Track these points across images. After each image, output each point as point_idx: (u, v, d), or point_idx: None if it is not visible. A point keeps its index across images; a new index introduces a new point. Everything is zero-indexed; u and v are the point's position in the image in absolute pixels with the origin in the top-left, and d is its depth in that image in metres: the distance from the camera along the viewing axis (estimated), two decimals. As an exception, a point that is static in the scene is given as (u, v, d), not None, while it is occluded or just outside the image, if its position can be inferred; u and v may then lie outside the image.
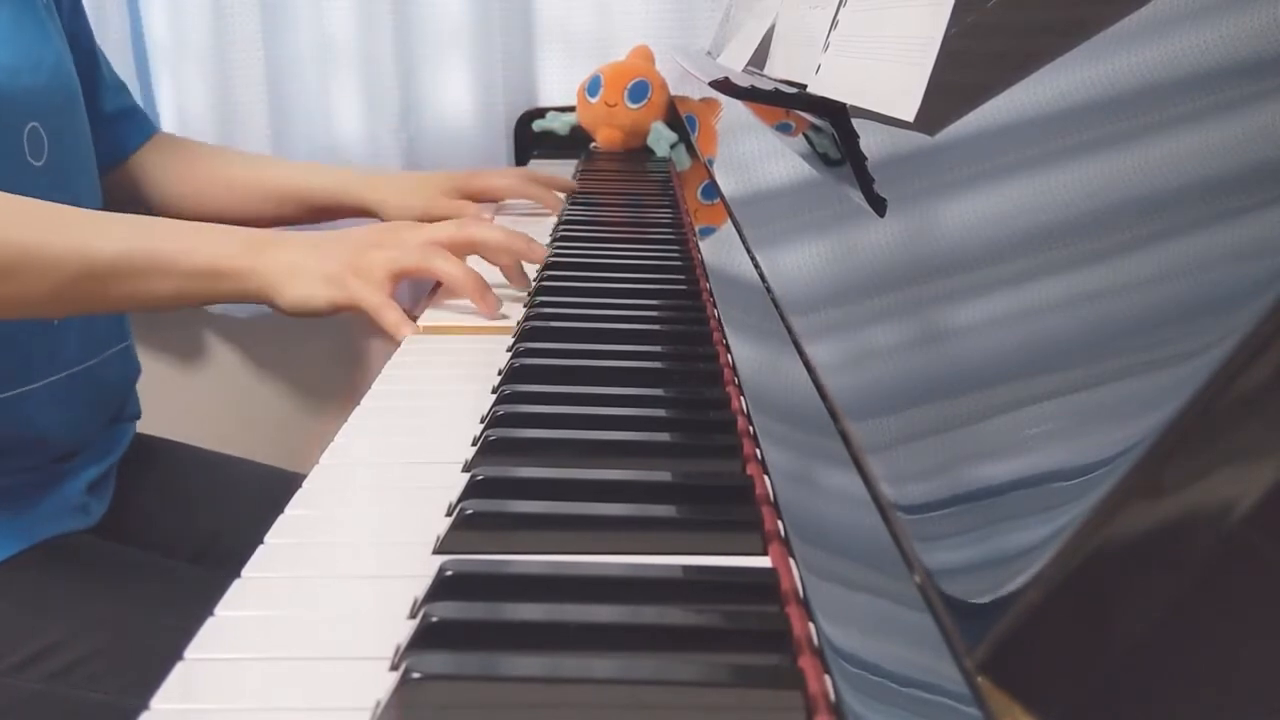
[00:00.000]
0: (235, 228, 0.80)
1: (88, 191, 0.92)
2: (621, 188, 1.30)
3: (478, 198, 1.16)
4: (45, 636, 0.75)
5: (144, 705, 0.37)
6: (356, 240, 0.80)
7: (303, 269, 0.76)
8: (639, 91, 1.41)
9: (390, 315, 0.77)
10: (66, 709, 0.75)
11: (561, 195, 1.19)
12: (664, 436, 0.58)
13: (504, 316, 0.81)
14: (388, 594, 0.43)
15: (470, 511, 0.47)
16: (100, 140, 1.02)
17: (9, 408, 0.83)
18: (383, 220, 1.11)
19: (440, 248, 0.79)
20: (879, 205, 0.50)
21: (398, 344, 0.76)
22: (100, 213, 0.82)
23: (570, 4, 1.59)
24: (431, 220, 1.08)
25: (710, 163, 1.00)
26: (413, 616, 0.41)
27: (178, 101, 1.53)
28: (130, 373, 1.00)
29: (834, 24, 0.71)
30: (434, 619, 0.39)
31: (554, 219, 1.12)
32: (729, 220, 0.80)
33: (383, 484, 0.54)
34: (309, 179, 1.12)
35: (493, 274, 0.84)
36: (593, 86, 1.44)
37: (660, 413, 0.61)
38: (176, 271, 0.75)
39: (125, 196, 1.10)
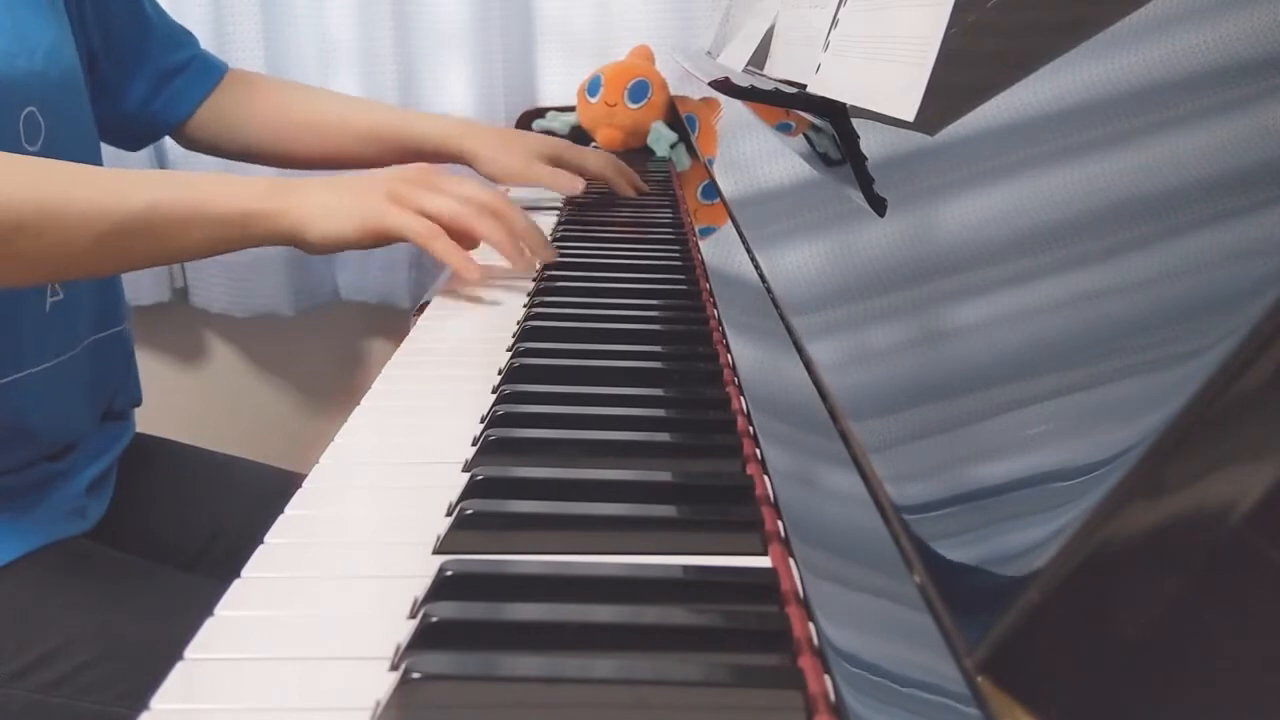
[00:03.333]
0: (258, 177, 0.79)
1: None
2: (621, 188, 1.30)
3: (569, 170, 1.14)
4: (41, 645, 0.75)
5: (142, 711, 0.37)
6: (388, 175, 0.79)
7: (333, 205, 0.76)
8: (639, 91, 1.41)
9: (442, 245, 0.76)
10: (64, 717, 0.74)
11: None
12: (664, 436, 0.58)
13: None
14: (388, 594, 0.43)
15: (470, 511, 0.47)
16: (163, 94, 1.03)
17: (3, 393, 0.83)
18: (476, 171, 1.10)
19: (478, 204, 0.79)
20: (879, 205, 0.50)
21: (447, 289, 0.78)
22: (127, 170, 0.82)
23: (570, 4, 1.59)
24: (525, 181, 1.07)
25: (710, 163, 1.00)
26: (413, 616, 0.41)
27: (178, 101, 1.54)
28: (125, 358, 1.00)
29: (834, 23, 0.71)
30: (434, 619, 0.39)
31: (553, 217, 1.12)
32: (729, 220, 0.80)
33: (383, 484, 0.54)
34: (408, 123, 1.10)
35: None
36: (593, 86, 1.44)
37: (660, 413, 0.61)
38: (206, 219, 0.75)
39: (210, 145, 1.09)
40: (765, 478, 0.49)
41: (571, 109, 1.49)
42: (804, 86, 0.72)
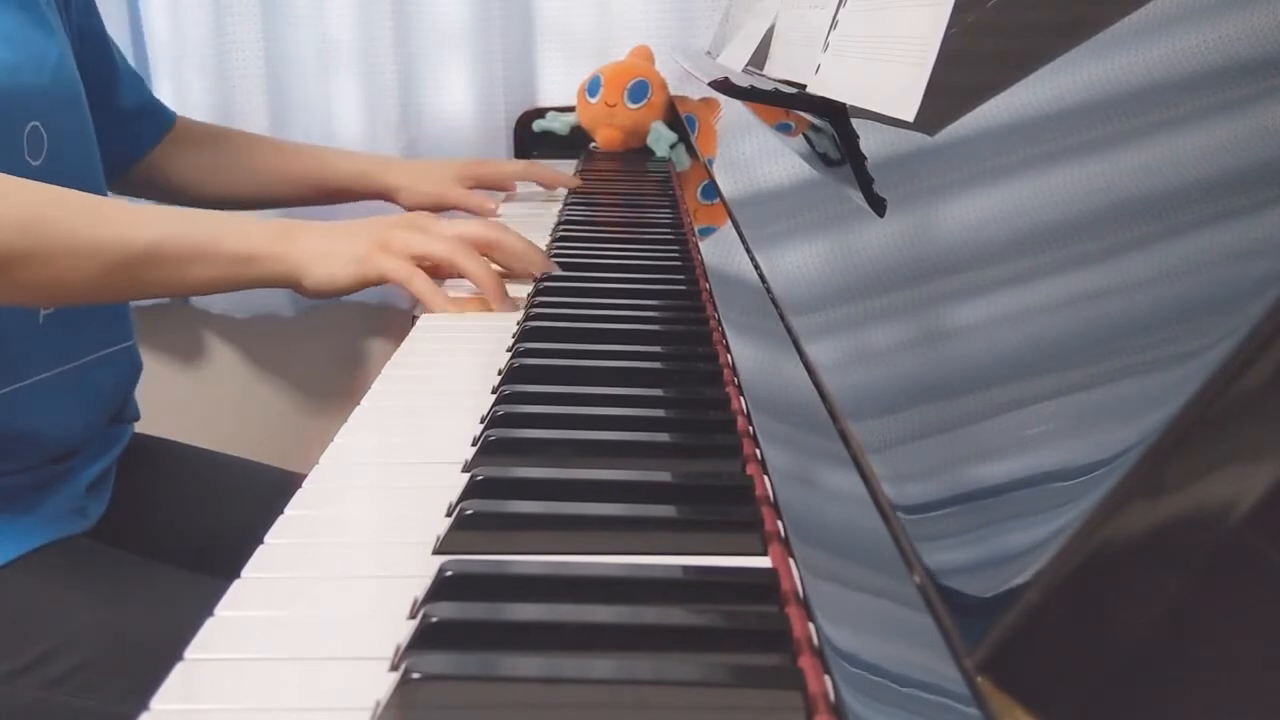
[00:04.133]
0: (264, 220, 0.82)
1: (89, 191, 0.93)
2: (621, 188, 1.30)
3: (488, 186, 1.18)
4: (42, 643, 0.75)
5: (142, 711, 0.37)
6: (383, 224, 0.82)
7: (330, 251, 0.79)
8: (639, 91, 1.41)
9: (420, 284, 0.79)
10: (64, 716, 0.75)
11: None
12: (664, 436, 0.58)
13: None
14: (388, 594, 0.43)
15: (470, 511, 0.47)
16: (120, 136, 1.04)
17: (3, 404, 0.83)
18: (398, 203, 1.15)
19: (467, 244, 0.82)
20: (879, 205, 0.50)
21: (415, 322, 0.80)
22: (136, 203, 0.86)
23: (570, 4, 1.59)
24: (443, 205, 1.11)
25: (710, 163, 1.00)
26: (413, 616, 0.41)
27: (178, 101, 1.53)
28: (131, 374, 1.00)
29: (834, 24, 0.71)
30: (434, 619, 0.39)
31: (554, 218, 1.12)
32: (729, 220, 0.80)
33: (383, 484, 0.54)
34: (333, 165, 1.15)
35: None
36: (593, 86, 1.44)
37: (660, 413, 0.61)
38: (210, 258, 0.77)
39: (147, 187, 1.13)
40: (765, 478, 0.49)
41: (571, 109, 1.49)
42: (804, 86, 0.72)
